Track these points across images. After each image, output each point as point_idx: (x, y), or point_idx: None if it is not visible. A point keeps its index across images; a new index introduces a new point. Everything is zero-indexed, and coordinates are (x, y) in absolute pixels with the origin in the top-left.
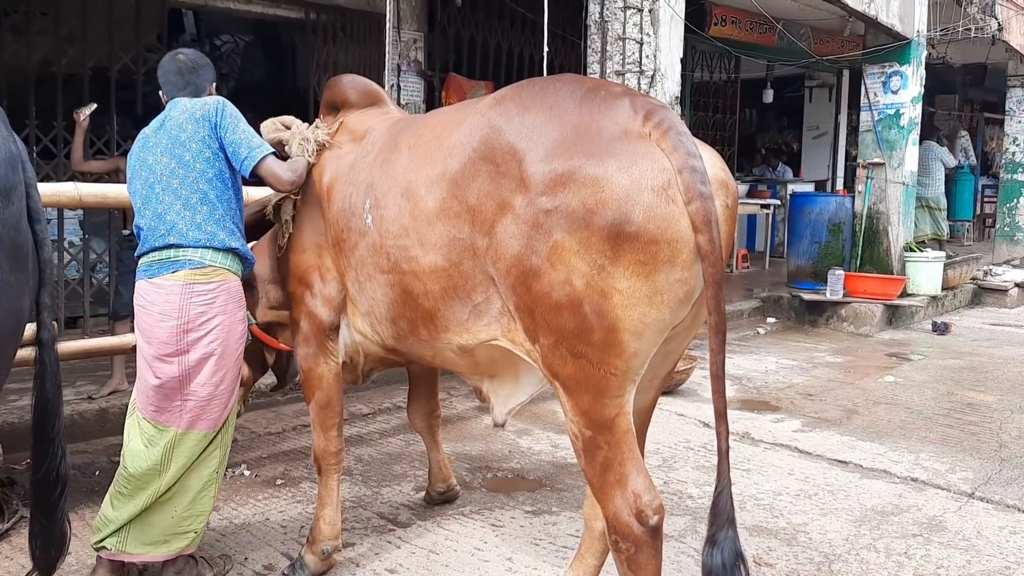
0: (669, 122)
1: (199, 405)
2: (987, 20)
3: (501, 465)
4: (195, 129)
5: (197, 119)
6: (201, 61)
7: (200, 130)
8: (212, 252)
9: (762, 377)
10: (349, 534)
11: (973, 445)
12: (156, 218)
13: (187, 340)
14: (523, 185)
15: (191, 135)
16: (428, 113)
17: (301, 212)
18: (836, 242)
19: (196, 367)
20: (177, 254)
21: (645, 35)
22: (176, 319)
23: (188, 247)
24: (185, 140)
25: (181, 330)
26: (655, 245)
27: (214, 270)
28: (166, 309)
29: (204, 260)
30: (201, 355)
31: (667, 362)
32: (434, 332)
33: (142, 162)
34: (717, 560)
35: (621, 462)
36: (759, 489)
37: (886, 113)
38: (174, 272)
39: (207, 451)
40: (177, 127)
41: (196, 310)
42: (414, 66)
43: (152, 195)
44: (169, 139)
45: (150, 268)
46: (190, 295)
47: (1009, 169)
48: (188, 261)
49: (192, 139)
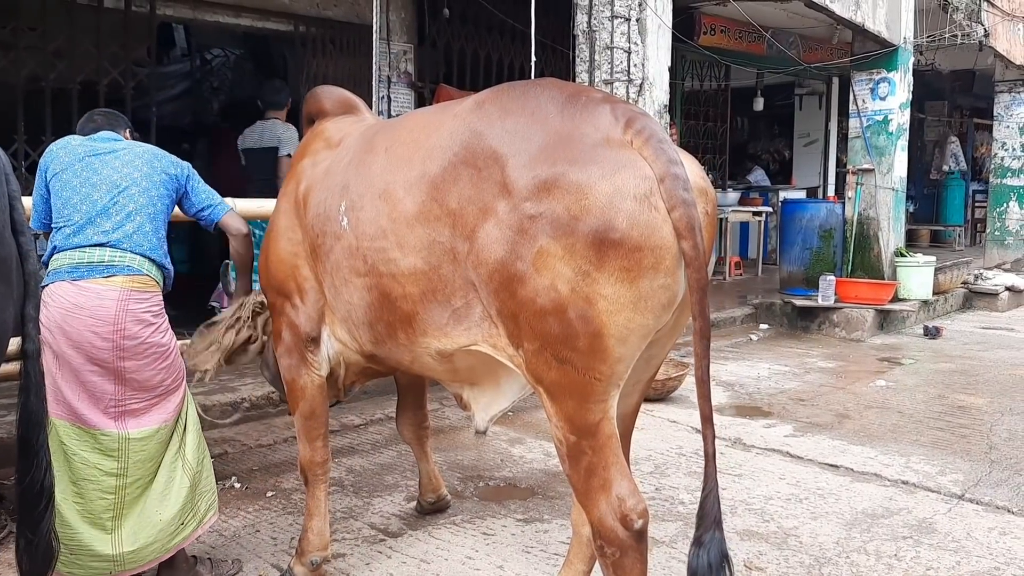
0: (650, 130)
1: (136, 408)
2: (973, 26)
3: (493, 474)
4: (168, 164)
5: (172, 162)
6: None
7: (174, 169)
8: (149, 263)
9: (754, 383)
10: (340, 545)
11: (963, 448)
12: (97, 215)
13: (124, 344)
14: (506, 190)
15: (164, 167)
16: (404, 116)
17: (278, 222)
18: (827, 248)
19: (132, 368)
20: (114, 256)
21: (633, 44)
22: (112, 324)
23: (128, 252)
24: (158, 168)
25: (116, 335)
26: (639, 252)
27: (149, 279)
28: (99, 315)
29: (141, 269)
30: (137, 364)
31: (650, 366)
32: (412, 336)
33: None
34: (703, 561)
35: (605, 467)
36: (750, 494)
37: (874, 119)
38: (108, 276)
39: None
40: (152, 155)
41: (131, 316)
42: (404, 78)
43: (89, 195)
44: (137, 156)
45: (76, 269)
46: (127, 300)
47: (999, 174)
48: (126, 267)
49: (165, 170)
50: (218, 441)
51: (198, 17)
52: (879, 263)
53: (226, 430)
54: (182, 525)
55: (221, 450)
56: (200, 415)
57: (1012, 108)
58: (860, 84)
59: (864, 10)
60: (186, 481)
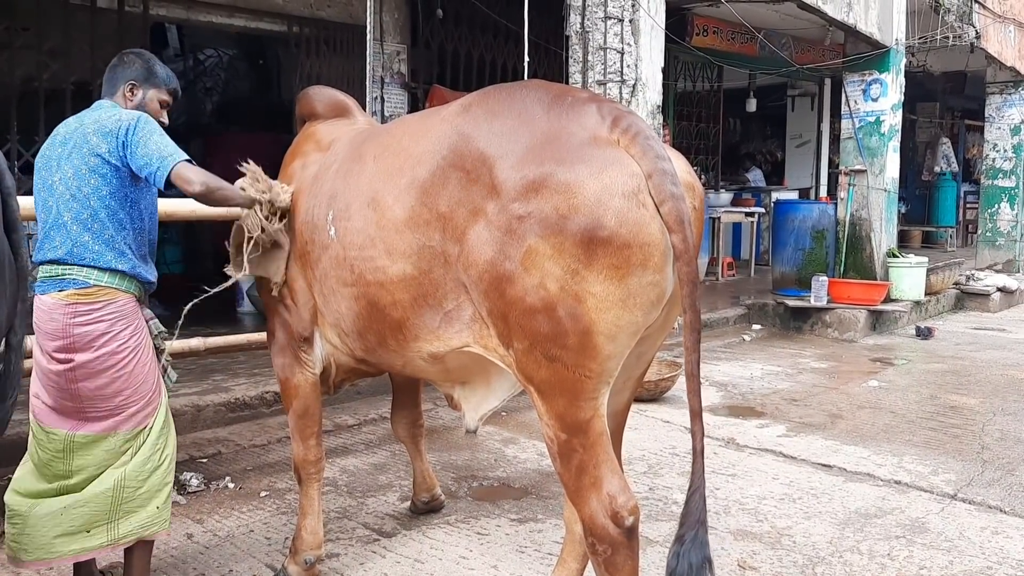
0: (636, 127)
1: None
2: (965, 28)
3: (487, 474)
4: (98, 142)
5: (105, 132)
6: (125, 59)
7: (104, 144)
8: (97, 272)
9: (747, 383)
10: (334, 544)
11: (956, 447)
12: (50, 228)
13: (75, 360)
14: (495, 191)
15: (92, 147)
16: (391, 122)
17: None
18: (820, 249)
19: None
20: (64, 272)
21: (626, 45)
22: (62, 339)
23: (74, 265)
24: (86, 152)
25: (67, 349)
26: (627, 249)
27: (99, 289)
28: (51, 328)
29: (88, 280)
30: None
31: (640, 363)
32: (403, 342)
33: (46, 161)
34: (683, 563)
35: (596, 465)
36: (743, 494)
37: (867, 120)
38: (60, 291)
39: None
40: (83, 137)
41: (79, 331)
42: (397, 78)
43: (46, 203)
44: (74, 145)
45: (42, 284)
46: (73, 315)
47: (990, 175)
48: (73, 281)
49: (93, 152)
50: (211, 441)
51: (192, 17)
52: (871, 264)
53: (220, 430)
54: (87, 534)
55: (215, 450)
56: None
57: (1003, 110)
58: (852, 85)
59: (856, 12)
60: (109, 488)
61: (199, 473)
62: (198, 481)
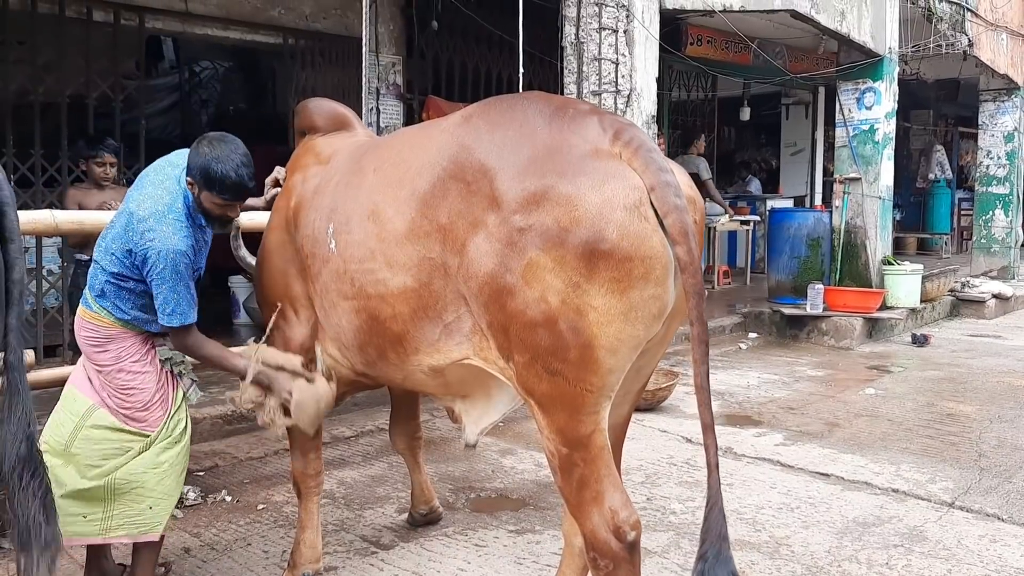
0: (638, 140)
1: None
2: (957, 36)
3: (484, 485)
4: (126, 241)
5: (137, 240)
6: (200, 147)
7: (126, 247)
8: (92, 300)
9: (744, 392)
10: (332, 557)
11: (953, 455)
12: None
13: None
14: (495, 203)
15: (125, 243)
16: (391, 134)
17: (270, 239)
18: (815, 257)
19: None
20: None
21: (621, 55)
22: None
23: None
24: (125, 235)
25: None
26: (629, 262)
27: (94, 314)
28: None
29: (88, 301)
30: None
31: (640, 377)
32: (403, 355)
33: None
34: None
35: (597, 479)
36: (741, 503)
37: (861, 129)
38: (81, 307)
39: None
40: (128, 216)
41: (83, 344)
42: (393, 89)
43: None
44: (125, 214)
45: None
46: (80, 329)
47: (984, 182)
48: (84, 299)
49: (126, 240)
50: (208, 454)
51: (187, 30)
52: (867, 271)
53: (217, 443)
54: (83, 517)
55: (212, 463)
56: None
57: (997, 117)
58: (846, 94)
59: (849, 21)
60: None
61: (196, 486)
62: (195, 494)
